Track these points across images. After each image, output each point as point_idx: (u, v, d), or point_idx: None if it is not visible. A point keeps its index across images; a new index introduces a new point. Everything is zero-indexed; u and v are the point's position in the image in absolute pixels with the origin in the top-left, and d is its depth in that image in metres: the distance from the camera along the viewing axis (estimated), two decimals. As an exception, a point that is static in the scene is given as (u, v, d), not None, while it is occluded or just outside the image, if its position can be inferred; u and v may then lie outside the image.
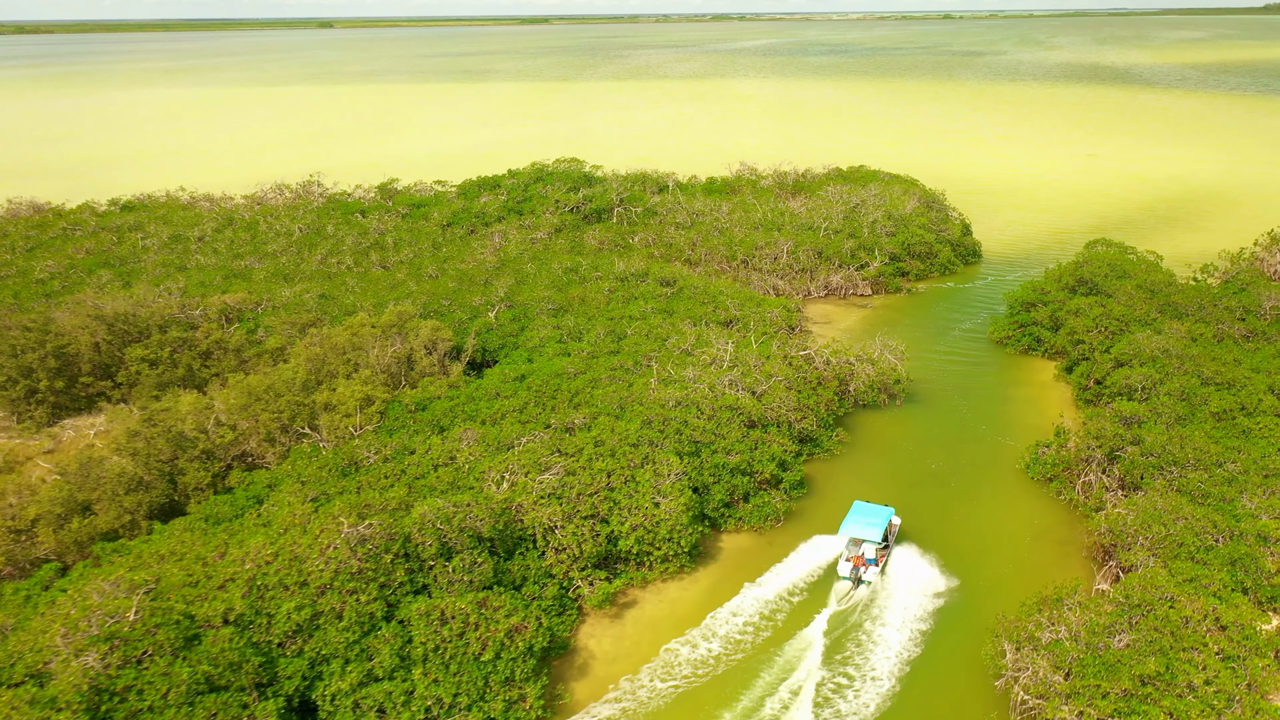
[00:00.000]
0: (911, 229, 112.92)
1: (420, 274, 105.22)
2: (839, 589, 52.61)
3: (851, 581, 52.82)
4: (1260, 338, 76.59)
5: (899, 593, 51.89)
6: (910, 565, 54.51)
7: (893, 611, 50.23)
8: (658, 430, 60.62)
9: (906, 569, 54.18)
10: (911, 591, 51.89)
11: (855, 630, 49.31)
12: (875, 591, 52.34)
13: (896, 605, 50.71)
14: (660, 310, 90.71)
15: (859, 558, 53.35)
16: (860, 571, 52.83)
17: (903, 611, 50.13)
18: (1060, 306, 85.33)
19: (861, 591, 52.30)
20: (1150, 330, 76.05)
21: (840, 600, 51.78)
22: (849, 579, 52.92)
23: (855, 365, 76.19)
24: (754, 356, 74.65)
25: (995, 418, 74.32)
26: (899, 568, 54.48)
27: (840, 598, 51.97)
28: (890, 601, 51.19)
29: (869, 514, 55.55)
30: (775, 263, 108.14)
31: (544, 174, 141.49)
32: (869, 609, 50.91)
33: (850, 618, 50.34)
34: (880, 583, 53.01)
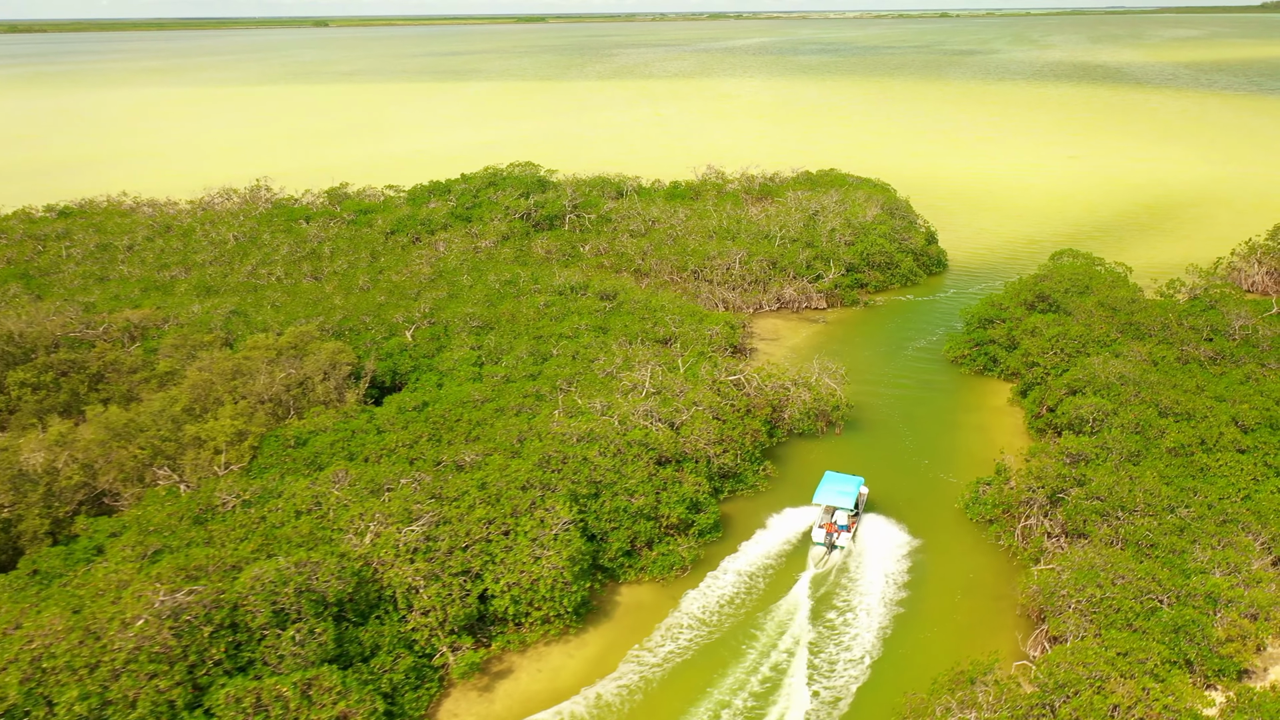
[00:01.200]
0: (871, 238, 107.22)
1: (350, 286, 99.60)
2: (815, 554, 55.64)
3: (826, 547, 55.90)
4: (1227, 360, 70.92)
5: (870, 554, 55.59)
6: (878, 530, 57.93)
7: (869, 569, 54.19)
8: (554, 470, 54.92)
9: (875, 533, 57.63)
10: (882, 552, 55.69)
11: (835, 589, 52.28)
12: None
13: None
14: (595, 327, 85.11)
15: (831, 524, 56.33)
16: (833, 537, 55.88)
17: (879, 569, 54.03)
18: (1017, 325, 79.68)
19: (836, 556, 55.40)
20: (1109, 353, 70.37)
21: (817, 564, 54.79)
22: (823, 545, 55.99)
23: (790, 391, 70.51)
24: (680, 382, 68.97)
25: (940, 448, 68.64)
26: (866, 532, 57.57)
27: (817, 562, 55.04)
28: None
29: (840, 483, 58.07)
30: (727, 274, 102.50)
31: (497, 179, 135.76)
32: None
33: (828, 579, 53.50)
34: (852, 546, 56.33)
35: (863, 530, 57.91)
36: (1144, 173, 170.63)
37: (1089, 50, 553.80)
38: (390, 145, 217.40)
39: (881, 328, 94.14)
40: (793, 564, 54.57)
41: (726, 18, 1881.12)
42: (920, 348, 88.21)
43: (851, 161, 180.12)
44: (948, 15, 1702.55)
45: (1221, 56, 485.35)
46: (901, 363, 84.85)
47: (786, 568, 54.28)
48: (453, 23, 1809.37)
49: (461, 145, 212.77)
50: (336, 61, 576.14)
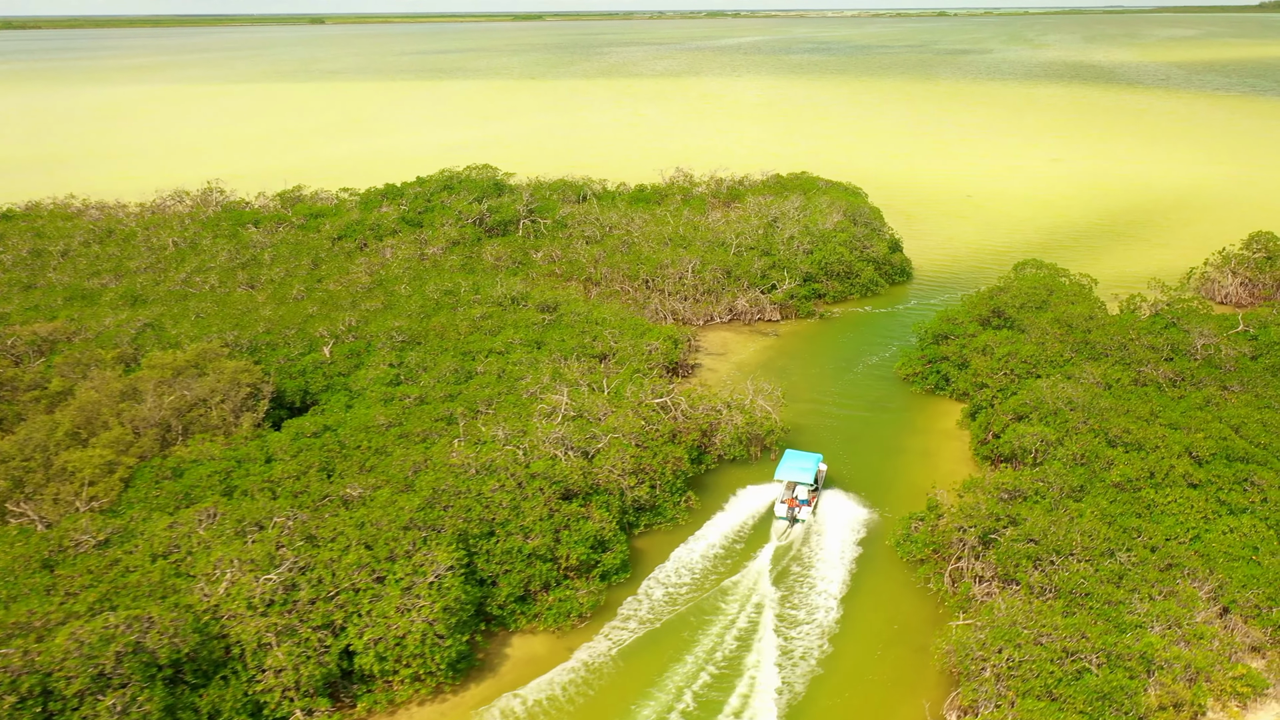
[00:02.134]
0: (831, 246, 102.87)
1: (284, 296, 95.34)
2: (778, 527, 58.27)
3: (788, 520, 58.69)
4: (1187, 383, 66.66)
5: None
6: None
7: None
8: (444, 507, 50.61)
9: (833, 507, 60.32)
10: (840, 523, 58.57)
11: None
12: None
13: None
14: (530, 342, 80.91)
15: (793, 499, 58.83)
16: (795, 511, 58.49)
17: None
18: (969, 342, 75.40)
19: (798, 529, 58.04)
20: (1061, 375, 66.09)
21: (780, 537, 57.31)
22: (785, 518, 58.74)
23: (722, 414, 66.22)
24: (603, 405, 64.68)
25: (879, 477, 64.36)
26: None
27: (780, 535, 57.55)
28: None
29: (800, 460, 60.85)
30: (679, 284, 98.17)
31: (453, 182, 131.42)
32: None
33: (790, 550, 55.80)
34: (813, 520, 59.03)
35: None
36: (1126, 177, 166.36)
37: (1082, 50, 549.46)
38: (361, 145, 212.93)
39: (835, 341, 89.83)
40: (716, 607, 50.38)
41: (724, 16, 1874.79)
42: (872, 364, 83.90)
43: (828, 164, 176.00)
44: (945, 14, 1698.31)
45: (1215, 56, 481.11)
46: (850, 380, 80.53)
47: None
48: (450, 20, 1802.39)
49: (433, 146, 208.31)
50: (325, 59, 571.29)
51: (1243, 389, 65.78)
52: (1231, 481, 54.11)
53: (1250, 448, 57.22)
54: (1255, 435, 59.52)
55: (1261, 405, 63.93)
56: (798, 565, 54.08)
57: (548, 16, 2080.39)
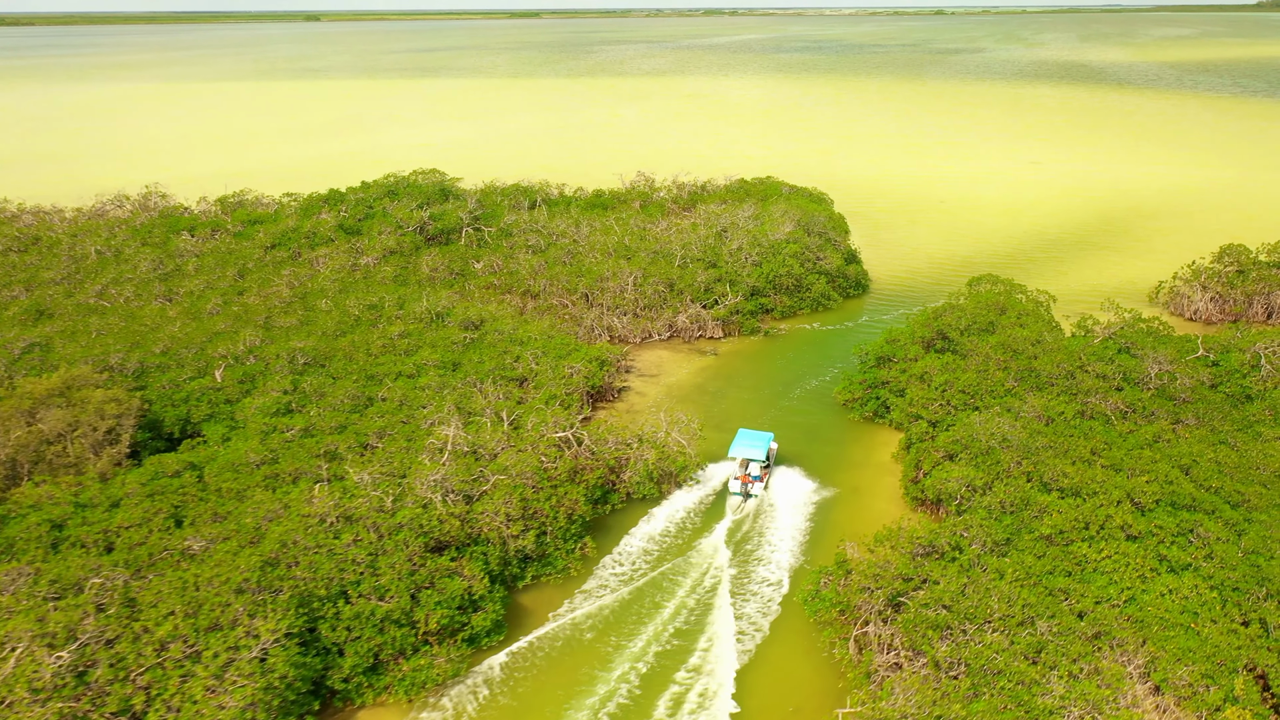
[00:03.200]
0: (780, 258, 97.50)
1: (199, 310, 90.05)
2: (732, 503, 60.29)
3: (741, 496, 60.81)
4: (1138, 415, 61.36)
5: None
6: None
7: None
8: (289, 565, 45.28)
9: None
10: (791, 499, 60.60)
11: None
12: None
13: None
14: (446, 364, 75.67)
15: (746, 476, 60.84)
16: (748, 487, 60.61)
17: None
18: (909, 367, 70.10)
19: (751, 504, 60.20)
20: (1000, 407, 60.79)
21: (734, 511, 59.41)
22: (739, 494, 60.87)
23: (632, 449, 60.91)
24: (501, 439, 59.37)
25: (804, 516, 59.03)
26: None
27: (734, 509, 59.60)
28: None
29: (753, 438, 62.76)
30: (619, 297, 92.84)
31: (397, 187, 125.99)
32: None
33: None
34: (765, 495, 61.07)
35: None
36: (1106, 182, 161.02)
37: (1076, 49, 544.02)
38: (327, 146, 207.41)
39: (776, 362, 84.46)
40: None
41: (722, 14, 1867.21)
42: (812, 388, 78.56)
43: (800, 167, 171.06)
44: (943, 12, 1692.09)
45: (1209, 56, 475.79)
46: (786, 406, 75.17)
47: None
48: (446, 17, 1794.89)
49: (402, 146, 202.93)
50: (311, 57, 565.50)
51: (1197, 422, 60.53)
52: (1175, 533, 48.84)
53: (1198, 493, 51.95)
54: (1206, 477, 54.29)
55: (1216, 441, 58.79)
56: (678, 639, 48.72)
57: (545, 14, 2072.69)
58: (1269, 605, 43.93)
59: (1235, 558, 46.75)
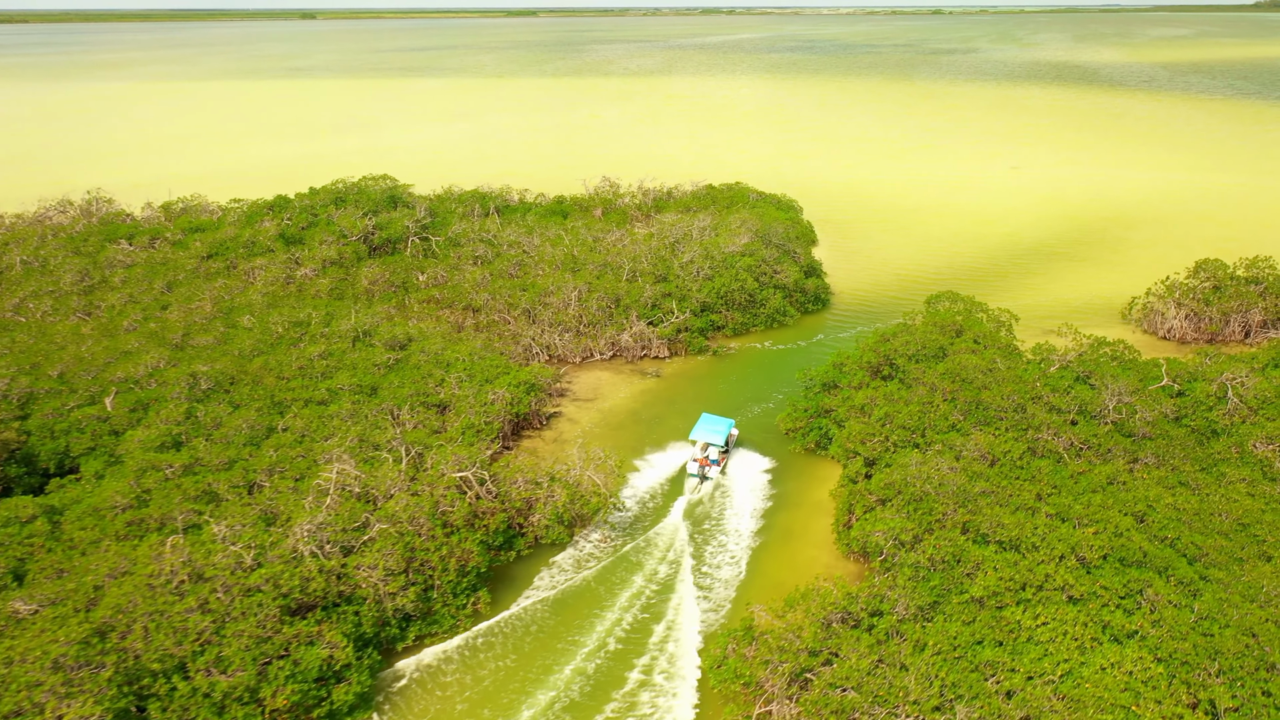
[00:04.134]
0: (733, 271, 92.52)
1: (116, 328, 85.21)
2: (689, 484, 62.56)
3: (699, 478, 63.03)
4: (1092, 453, 56.43)
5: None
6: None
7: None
8: (120, 635, 40.30)
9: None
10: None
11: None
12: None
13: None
14: (364, 389, 70.88)
15: (705, 459, 63.12)
16: (705, 470, 63.01)
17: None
18: (852, 395, 65.16)
19: (707, 486, 62.30)
20: (942, 444, 55.84)
21: (691, 492, 61.62)
22: (696, 476, 63.12)
23: (542, 489, 55.94)
24: (397, 479, 54.39)
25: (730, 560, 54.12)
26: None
27: (690, 490, 61.89)
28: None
29: (714, 423, 65.23)
30: (562, 313, 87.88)
31: (344, 193, 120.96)
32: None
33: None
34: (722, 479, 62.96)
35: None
36: (1088, 188, 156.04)
37: (1070, 49, 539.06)
38: (292, 149, 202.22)
39: (721, 384, 79.47)
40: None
41: (719, 13, 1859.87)
42: (756, 414, 73.57)
43: (775, 172, 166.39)
44: (940, 12, 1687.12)
45: (1204, 57, 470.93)
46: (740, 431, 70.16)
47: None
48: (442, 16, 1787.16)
49: (367, 149, 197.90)
50: (299, 56, 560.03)
51: (1156, 461, 55.61)
52: (1121, 594, 43.97)
53: (1151, 546, 47.04)
54: (1162, 525, 49.45)
55: (1176, 482, 53.90)
56: (584, 692, 43.80)
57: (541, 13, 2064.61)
58: (1220, 684, 39.03)
59: (1186, 625, 41.88)
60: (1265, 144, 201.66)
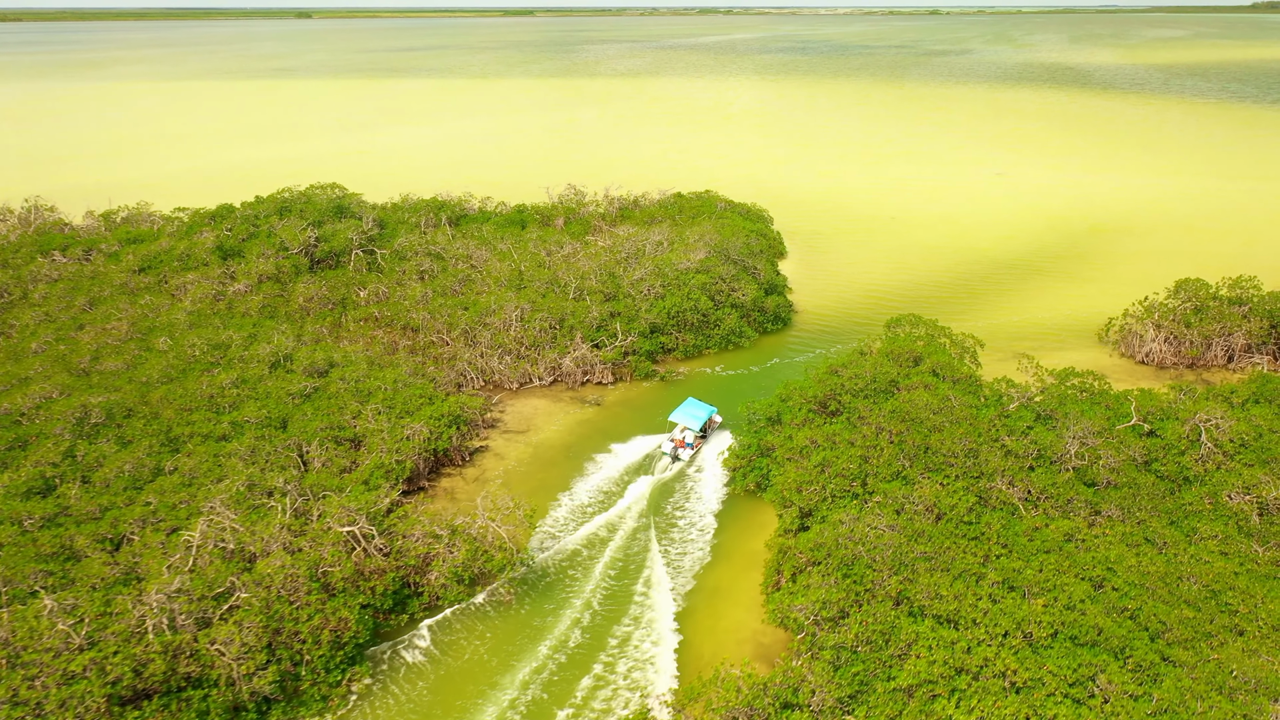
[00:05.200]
0: (686, 290, 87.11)
1: (22, 350, 79.89)
2: (661, 464, 64.67)
3: (670, 457, 65.13)
4: (1050, 504, 51.06)
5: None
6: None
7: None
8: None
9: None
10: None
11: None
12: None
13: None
14: (273, 421, 65.50)
15: (680, 441, 65.46)
16: (678, 450, 65.09)
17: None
18: (794, 434, 59.78)
19: (676, 466, 64.40)
20: (883, 494, 50.45)
21: (660, 470, 63.86)
22: (669, 455, 65.24)
23: (441, 542, 50.55)
24: (277, 533, 48.98)
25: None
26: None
27: (660, 469, 64.04)
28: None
29: (695, 408, 67.60)
30: (503, 334, 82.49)
31: (290, 202, 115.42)
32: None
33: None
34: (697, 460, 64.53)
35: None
36: (1073, 196, 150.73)
37: (1064, 51, 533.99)
38: (256, 152, 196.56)
39: (665, 413, 73.81)
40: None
41: (716, 13, 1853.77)
42: (718, 444, 68.16)
43: (751, 178, 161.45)
44: (937, 12, 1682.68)
45: (1200, 58, 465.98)
46: (675, 468, 64.76)
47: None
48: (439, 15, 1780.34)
49: (332, 153, 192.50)
50: (286, 55, 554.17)
51: (1121, 514, 50.26)
52: (1071, 680, 38.64)
53: (1107, 622, 41.71)
54: (1123, 592, 44.16)
55: (1142, 538, 48.56)
56: None
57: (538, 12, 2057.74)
58: (1176, 800, 33.74)
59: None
60: (1259, 149, 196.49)
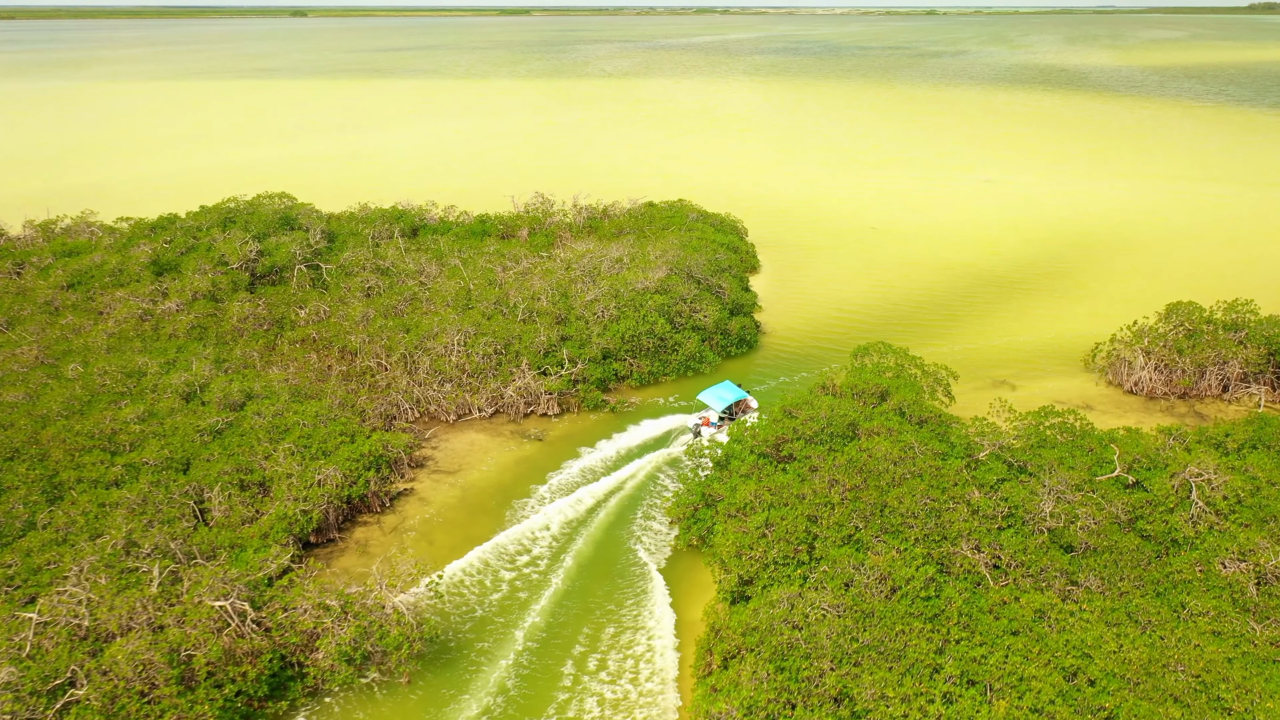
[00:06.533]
0: (642, 312, 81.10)
1: (-82, 377, 73.70)
2: (683, 438, 67.70)
3: (693, 433, 67.71)
4: (1023, 571, 45.09)
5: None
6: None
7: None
8: None
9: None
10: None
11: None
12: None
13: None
14: (175, 463, 59.66)
15: (706, 419, 68.39)
16: (701, 428, 67.67)
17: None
18: (739, 486, 53.79)
19: (696, 440, 65.75)
20: (829, 563, 44.49)
21: (672, 443, 67.22)
22: (692, 431, 68.07)
23: (329, 614, 44.54)
24: (138, 609, 42.99)
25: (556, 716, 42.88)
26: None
27: (674, 443, 67.37)
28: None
29: (726, 390, 69.14)
30: (443, 360, 76.51)
31: (235, 213, 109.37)
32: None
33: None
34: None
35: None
36: (1064, 205, 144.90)
37: (1060, 52, 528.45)
38: (217, 156, 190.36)
39: (604, 447, 68.00)
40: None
41: (713, 12, 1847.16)
42: (655, 489, 62.22)
43: (730, 185, 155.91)
44: (934, 13, 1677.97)
45: (1197, 60, 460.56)
46: (600, 520, 58.81)
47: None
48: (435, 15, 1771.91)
49: (295, 158, 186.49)
50: (273, 55, 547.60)
51: (1101, 585, 44.35)
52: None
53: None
54: (1101, 685, 38.27)
55: (1124, 614, 42.64)
56: None
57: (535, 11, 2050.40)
58: None
59: None
60: (1258, 155, 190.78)
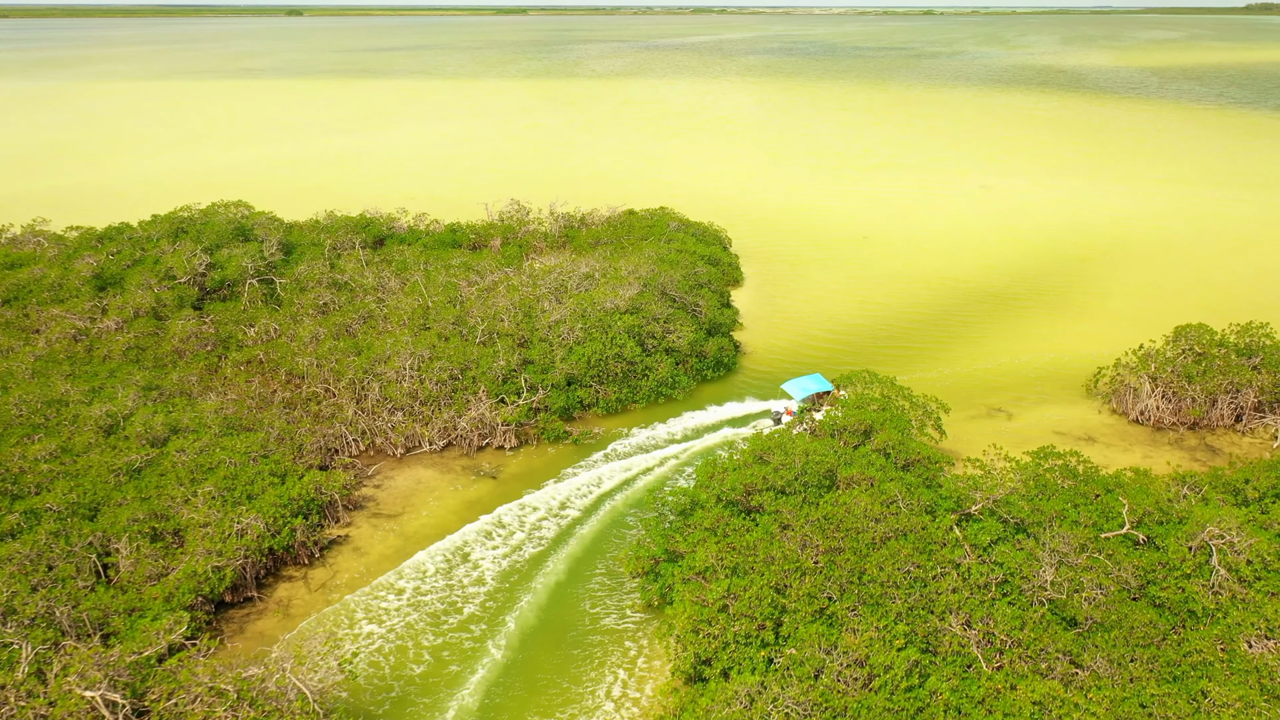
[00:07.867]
0: (610, 334, 75.26)
1: None
2: (764, 425, 69.42)
3: (773, 420, 69.52)
4: (1019, 651, 39.19)
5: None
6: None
7: None
8: None
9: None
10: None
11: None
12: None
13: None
14: (81, 509, 53.89)
15: (790, 409, 69.34)
16: (783, 416, 69.20)
17: None
18: (704, 540, 48.02)
19: (774, 426, 67.88)
20: (795, 646, 38.72)
21: (751, 427, 69.02)
22: (773, 418, 69.81)
23: (224, 701, 38.70)
24: (3, 694, 37.19)
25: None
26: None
27: (763, 428, 67.89)
28: None
29: (811, 381, 69.88)
30: (393, 386, 70.69)
31: (187, 223, 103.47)
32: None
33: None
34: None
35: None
36: (1064, 213, 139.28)
37: (1057, 53, 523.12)
38: (189, 160, 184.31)
39: (559, 486, 62.22)
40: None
41: (710, 12, 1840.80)
42: (618, 537, 56.46)
43: (715, 192, 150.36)
44: (931, 13, 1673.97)
45: (1195, 61, 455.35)
46: (551, 574, 53.01)
47: None
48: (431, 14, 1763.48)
49: (268, 161, 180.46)
50: (260, 55, 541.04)
51: (1108, 668, 38.60)
52: None
53: None
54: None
55: (1137, 705, 36.85)
56: None
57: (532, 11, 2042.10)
58: None
59: None
60: (1261, 158, 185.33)
